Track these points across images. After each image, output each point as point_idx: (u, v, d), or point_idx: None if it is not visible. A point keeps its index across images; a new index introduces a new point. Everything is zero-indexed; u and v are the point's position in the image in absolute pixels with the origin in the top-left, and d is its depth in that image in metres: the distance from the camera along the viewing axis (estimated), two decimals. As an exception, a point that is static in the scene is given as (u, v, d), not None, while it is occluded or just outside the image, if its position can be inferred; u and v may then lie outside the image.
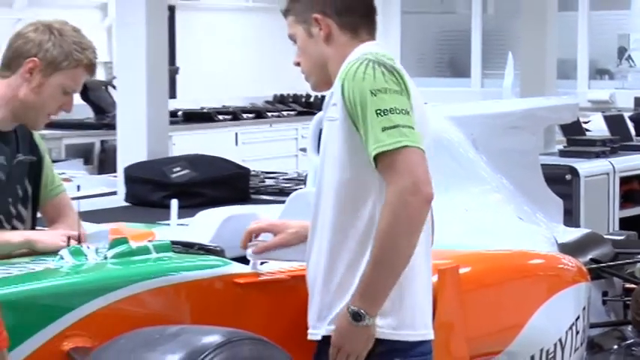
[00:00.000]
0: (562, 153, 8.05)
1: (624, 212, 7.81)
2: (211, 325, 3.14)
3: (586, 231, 5.52)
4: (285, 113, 12.80)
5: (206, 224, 4.36)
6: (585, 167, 7.51)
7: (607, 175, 7.68)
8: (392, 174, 2.92)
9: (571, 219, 6.47)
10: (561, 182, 7.00)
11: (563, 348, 4.15)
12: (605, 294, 5.22)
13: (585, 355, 4.50)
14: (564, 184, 7.09)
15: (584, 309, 4.35)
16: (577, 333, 4.25)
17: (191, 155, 7.10)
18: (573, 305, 4.29)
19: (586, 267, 4.65)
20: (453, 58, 16.91)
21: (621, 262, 5.33)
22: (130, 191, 6.62)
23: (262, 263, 3.69)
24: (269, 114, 12.64)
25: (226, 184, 6.49)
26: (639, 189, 8.03)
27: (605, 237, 5.65)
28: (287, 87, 14.09)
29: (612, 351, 5.10)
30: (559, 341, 4.15)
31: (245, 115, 12.32)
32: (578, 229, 5.65)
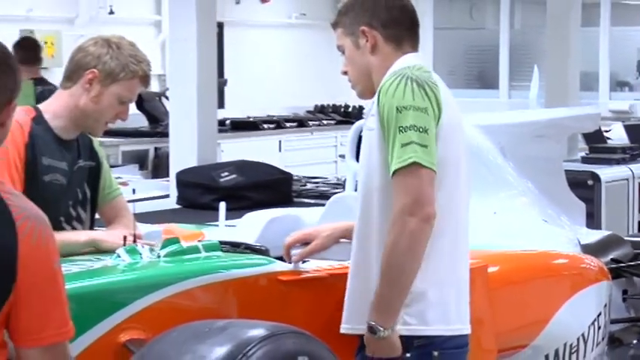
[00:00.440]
0: (584, 160, 8.00)
1: (643, 215, 7.76)
2: (256, 320, 3.14)
3: (607, 233, 5.47)
4: (325, 122, 12.80)
5: (252, 225, 4.37)
6: (606, 173, 7.47)
7: (626, 181, 7.63)
8: (397, 191, 2.92)
9: (593, 221, 6.43)
10: (584, 187, 6.95)
11: (585, 342, 4.12)
12: (625, 292, 5.18)
13: (606, 349, 4.46)
14: (586, 189, 7.04)
15: (605, 306, 4.31)
16: (599, 328, 4.22)
17: (238, 161, 7.11)
18: (595, 302, 4.26)
19: (607, 266, 4.61)
20: (482, 71, 16.85)
21: (640, 262, 5.29)
22: (182, 194, 6.64)
23: (304, 262, 3.69)
24: (310, 123, 12.64)
25: (270, 188, 6.49)
26: (657, 193, 7.96)
27: (624, 238, 5.60)
28: (327, 98, 14.10)
29: (632, 345, 5.06)
30: (582, 336, 4.12)
31: (288, 124, 12.33)
32: (599, 231, 5.61)
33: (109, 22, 12.39)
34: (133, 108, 12.23)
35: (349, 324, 3.15)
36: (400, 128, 2.91)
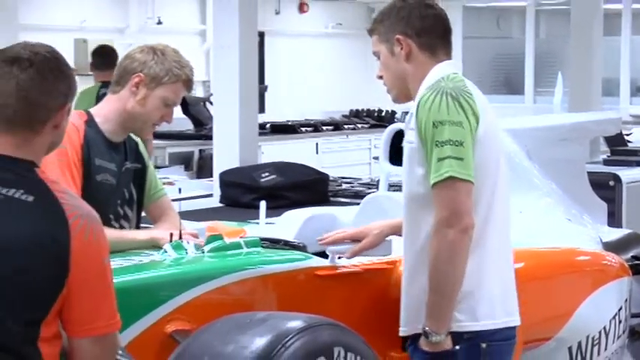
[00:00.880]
0: (606, 162, 7.94)
1: (662, 215, 7.69)
2: (294, 312, 3.13)
3: (628, 231, 5.42)
4: (359, 126, 12.79)
5: (290, 223, 4.37)
6: (627, 174, 7.40)
7: (646, 182, 7.57)
8: (436, 205, 2.89)
9: (614, 220, 6.37)
10: (605, 188, 6.89)
11: (607, 335, 4.09)
12: (644, 287, 5.13)
13: (626, 342, 4.42)
14: (608, 190, 6.99)
15: (626, 301, 4.28)
16: (619, 322, 4.18)
17: (277, 162, 7.11)
18: (616, 297, 4.22)
19: (628, 263, 4.57)
20: (509, 78, 16.78)
21: (660, 259, 5.24)
22: (224, 194, 6.64)
23: (340, 258, 3.68)
24: (345, 126, 12.63)
25: (308, 188, 6.48)
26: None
27: (645, 237, 5.56)
28: (361, 103, 14.09)
29: (651, 338, 5.01)
30: (603, 329, 4.09)
31: (324, 128, 12.32)
32: (620, 230, 5.56)
33: (157, 32, 12.45)
34: (179, 112, 12.29)
35: (407, 327, 3.12)
36: (437, 143, 2.89)
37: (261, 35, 12.81)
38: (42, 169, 2.42)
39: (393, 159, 4.52)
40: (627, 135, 9.35)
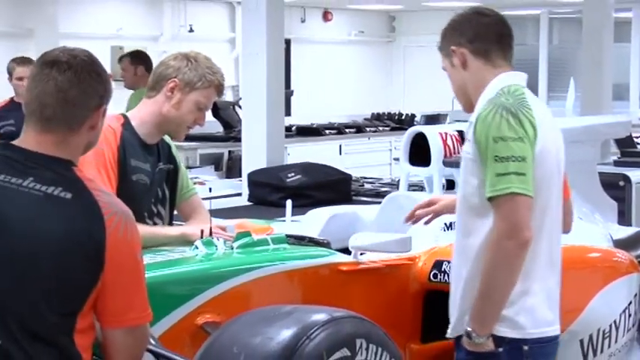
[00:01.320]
0: (616, 163, 7.90)
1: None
2: (319, 305, 3.13)
3: (637, 229, 5.39)
4: (380, 128, 12.76)
5: (315, 221, 4.37)
6: (637, 175, 7.35)
7: (655, 182, 7.52)
8: (496, 217, 2.80)
9: (624, 219, 6.34)
10: (616, 188, 6.85)
11: (617, 328, 4.06)
12: (653, 283, 5.10)
13: (636, 335, 4.40)
14: (618, 190, 6.94)
15: (635, 296, 4.25)
16: (629, 316, 4.15)
17: (303, 163, 7.11)
18: (626, 292, 4.19)
19: (637, 260, 4.55)
20: (523, 82, 16.71)
21: (668, 256, 5.20)
22: (252, 193, 6.65)
23: (362, 254, 3.68)
24: (367, 129, 12.61)
25: (331, 188, 6.46)
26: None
27: (653, 234, 5.52)
28: (382, 107, 14.08)
29: (659, 332, 4.97)
30: (614, 323, 4.06)
31: (347, 130, 12.31)
32: (630, 228, 5.53)
33: (189, 39, 12.49)
34: (210, 115, 12.32)
35: (455, 329, 3.02)
36: (496, 158, 2.80)
37: (287, 42, 12.82)
38: (79, 168, 2.42)
39: (413, 160, 4.50)
40: (637, 137, 9.29)
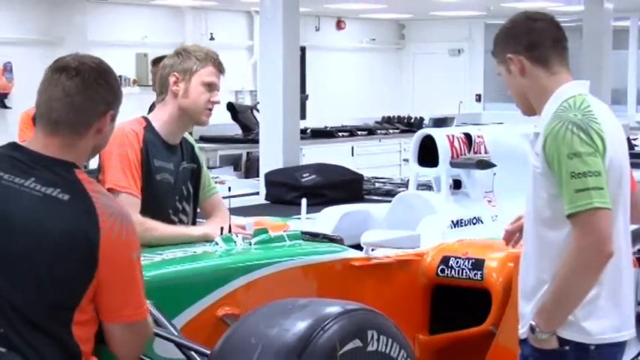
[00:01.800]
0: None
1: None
2: (332, 298, 3.13)
3: (635, 226, 5.36)
4: (391, 131, 12.74)
5: (329, 218, 4.37)
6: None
7: (652, 182, 7.48)
8: (580, 232, 2.71)
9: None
10: (614, 187, 6.82)
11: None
12: (650, 278, 5.07)
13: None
14: (617, 189, 6.91)
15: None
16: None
17: (317, 164, 7.10)
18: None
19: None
20: (526, 88, 16.65)
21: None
22: (269, 192, 6.65)
23: (373, 250, 3.67)
24: (378, 131, 12.59)
25: (344, 187, 6.45)
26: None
27: (650, 232, 5.48)
28: (393, 110, 14.06)
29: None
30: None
31: (359, 132, 12.30)
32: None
33: (210, 47, 12.49)
34: (229, 118, 12.28)
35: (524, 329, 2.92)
36: (573, 174, 2.70)
37: (302, 50, 12.83)
38: (82, 171, 2.41)
39: (421, 161, 4.49)
40: (634, 139, 9.27)
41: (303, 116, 10.58)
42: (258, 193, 6.94)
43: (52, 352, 2.31)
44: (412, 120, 13.19)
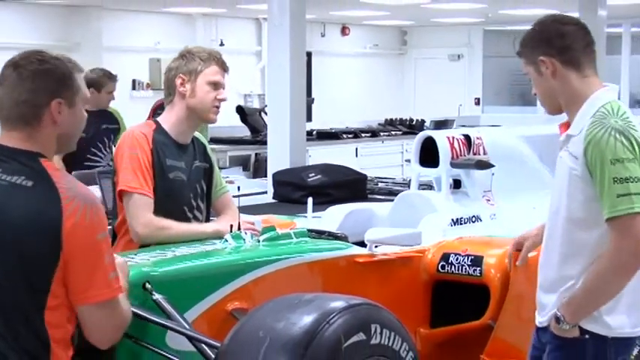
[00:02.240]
0: (608, 164, 7.84)
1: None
2: (337, 293, 3.12)
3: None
4: (393, 133, 12.74)
5: (334, 217, 4.37)
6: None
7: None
8: (619, 235, 2.70)
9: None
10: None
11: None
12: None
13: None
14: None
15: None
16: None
17: (322, 164, 7.10)
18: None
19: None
20: (524, 91, 16.64)
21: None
22: (277, 191, 6.65)
23: (376, 247, 3.67)
24: (381, 133, 12.59)
25: (348, 187, 6.45)
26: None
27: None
28: (395, 113, 14.05)
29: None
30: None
31: (363, 134, 12.30)
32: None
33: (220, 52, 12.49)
34: (238, 121, 12.24)
35: (548, 320, 2.91)
36: (615, 179, 2.69)
37: (308, 55, 12.81)
38: (48, 159, 2.39)
39: (423, 161, 4.49)
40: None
41: (309, 118, 10.57)
42: (266, 193, 6.94)
43: (27, 337, 2.31)
44: (414, 122, 13.18)
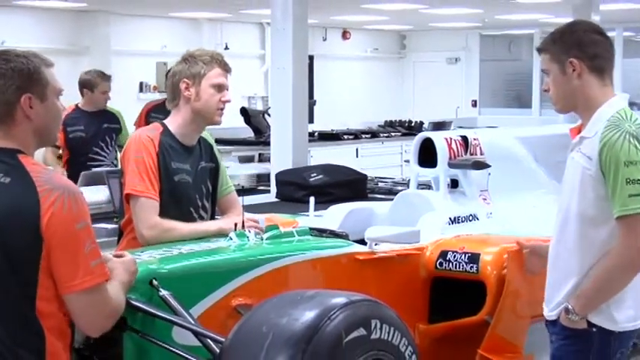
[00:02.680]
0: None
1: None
2: (338, 290, 3.12)
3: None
4: (393, 134, 12.74)
5: (335, 215, 4.36)
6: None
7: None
8: (629, 232, 2.76)
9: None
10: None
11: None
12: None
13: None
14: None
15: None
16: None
17: (324, 164, 7.09)
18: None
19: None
20: (519, 94, 16.67)
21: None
22: (280, 191, 6.65)
23: (376, 244, 3.66)
24: (381, 134, 12.58)
25: (349, 186, 6.44)
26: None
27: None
28: (394, 114, 14.05)
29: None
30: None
31: (363, 135, 12.30)
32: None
33: (225, 56, 12.49)
34: (242, 122, 12.23)
35: (557, 314, 2.96)
36: (628, 180, 2.76)
37: (310, 58, 12.84)
38: (25, 155, 2.38)
39: (421, 162, 4.48)
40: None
41: (311, 120, 10.57)
42: (269, 192, 6.94)
43: (19, 328, 2.31)
44: (412, 124, 13.18)
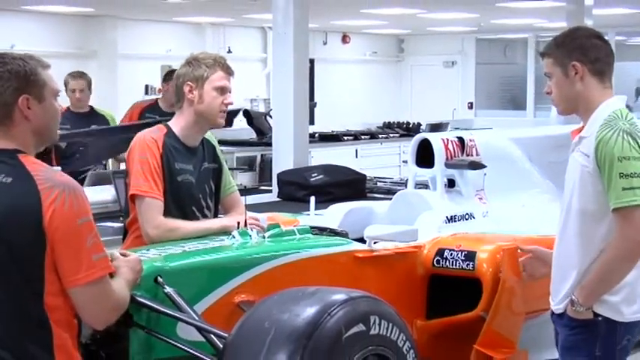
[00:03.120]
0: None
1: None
2: (338, 287, 3.12)
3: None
4: (391, 135, 12.74)
5: (335, 214, 4.36)
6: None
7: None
8: (624, 224, 2.81)
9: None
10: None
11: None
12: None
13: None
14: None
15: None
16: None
17: (324, 165, 7.09)
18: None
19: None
20: (513, 96, 16.67)
21: None
22: (281, 190, 6.64)
23: (375, 243, 3.66)
24: (380, 135, 12.59)
25: (349, 186, 6.44)
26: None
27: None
28: (393, 116, 14.06)
29: None
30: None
31: (363, 136, 12.30)
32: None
33: (227, 59, 12.47)
34: (245, 124, 12.23)
35: (563, 307, 2.98)
36: (621, 174, 2.81)
37: (311, 62, 12.83)
38: (26, 154, 2.38)
39: (419, 162, 4.48)
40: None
41: (311, 122, 10.56)
42: (271, 192, 6.93)
43: (26, 324, 2.30)
44: (410, 125, 13.18)
